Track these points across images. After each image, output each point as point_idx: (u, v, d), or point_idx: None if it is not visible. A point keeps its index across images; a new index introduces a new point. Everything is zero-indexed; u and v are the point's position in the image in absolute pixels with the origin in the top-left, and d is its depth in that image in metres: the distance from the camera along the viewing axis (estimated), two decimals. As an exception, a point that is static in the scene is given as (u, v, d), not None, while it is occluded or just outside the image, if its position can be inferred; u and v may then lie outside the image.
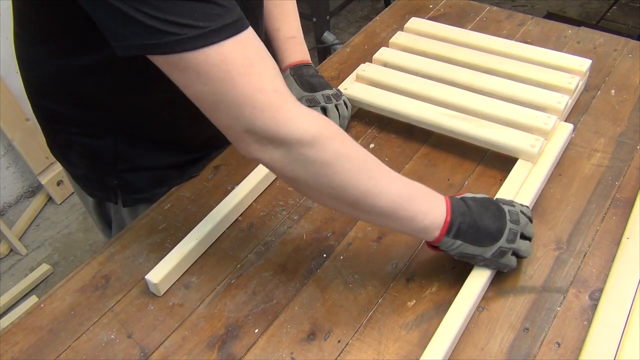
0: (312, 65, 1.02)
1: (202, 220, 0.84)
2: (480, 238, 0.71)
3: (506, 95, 0.96)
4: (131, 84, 0.78)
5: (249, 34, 0.61)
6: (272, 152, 0.63)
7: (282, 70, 1.00)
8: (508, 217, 0.72)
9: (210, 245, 0.84)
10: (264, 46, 0.63)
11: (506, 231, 0.71)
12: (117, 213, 0.97)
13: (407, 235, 0.75)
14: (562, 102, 0.94)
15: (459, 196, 0.74)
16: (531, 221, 0.77)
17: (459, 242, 0.70)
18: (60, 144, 0.91)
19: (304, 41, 1.03)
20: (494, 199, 0.76)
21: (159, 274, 0.77)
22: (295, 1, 1.04)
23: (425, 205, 0.69)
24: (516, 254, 0.74)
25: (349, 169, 0.64)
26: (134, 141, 0.87)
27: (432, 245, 0.72)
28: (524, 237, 0.74)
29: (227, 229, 0.86)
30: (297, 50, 1.01)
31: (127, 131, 0.86)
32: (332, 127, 0.66)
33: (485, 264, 0.74)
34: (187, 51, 0.58)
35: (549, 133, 0.90)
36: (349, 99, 1.01)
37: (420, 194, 0.70)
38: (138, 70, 0.68)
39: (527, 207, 0.78)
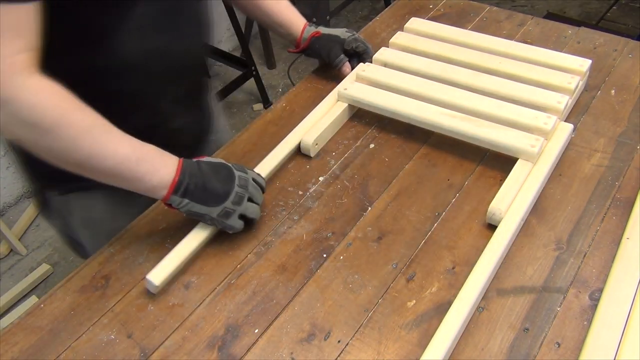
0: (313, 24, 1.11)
1: (202, 220, 0.84)
2: (207, 198, 0.77)
3: (506, 95, 0.96)
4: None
5: (21, 7, 0.63)
6: None
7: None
8: (237, 182, 0.79)
9: (211, 246, 0.84)
10: (33, 23, 0.65)
11: (233, 194, 0.78)
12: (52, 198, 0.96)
13: (141, 193, 0.78)
14: (562, 102, 0.94)
15: (196, 159, 0.80)
16: (263, 189, 0.84)
17: (186, 200, 0.77)
18: None
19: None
20: (229, 164, 0.81)
21: (160, 274, 0.77)
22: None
23: (154, 166, 0.75)
24: (245, 217, 0.81)
25: (68, 135, 0.69)
26: None
27: (167, 203, 0.78)
28: (252, 201, 0.81)
29: (227, 229, 0.87)
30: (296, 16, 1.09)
31: None
32: (58, 95, 0.69)
33: (212, 223, 0.80)
34: None
35: (549, 133, 0.90)
36: (348, 99, 1.02)
37: (150, 156, 0.76)
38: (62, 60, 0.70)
39: (260, 176, 0.85)
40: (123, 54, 0.79)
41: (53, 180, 0.91)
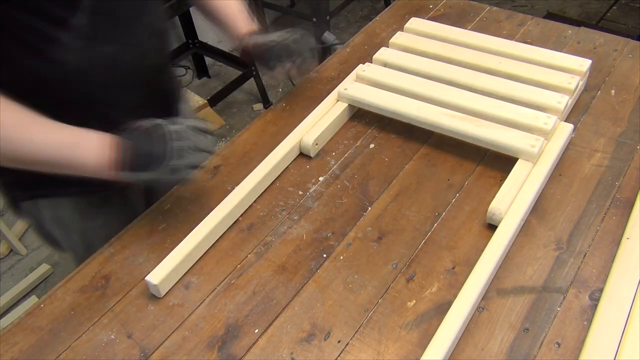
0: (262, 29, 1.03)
1: (202, 221, 0.84)
2: (148, 163, 0.76)
3: (506, 95, 0.96)
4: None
5: None
6: None
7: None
8: (172, 136, 0.77)
9: (211, 246, 0.84)
10: None
11: (171, 150, 0.76)
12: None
13: (90, 176, 0.77)
14: (562, 102, 0.94)
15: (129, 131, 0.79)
16: (207, 132, 0.81)
17: (133, 173, 0.76)
18: None
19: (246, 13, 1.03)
20: (161, 122, 0.79)
21: (159, 275, 0.77)
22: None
23: (90, 151, 0.74)
24: (194, 165, 0.79)
25: (2, 136, 0.69)
26: None
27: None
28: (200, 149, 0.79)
29: (227, 229, 0.86)
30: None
31: None
32: None
33: (168, 181, 0.78)
34: None
35: (549, 133, 0.90)
36: (349, 99, 1.02)
37: (85, 139, 0.75)
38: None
39: (199, 119, 0.81)
40: (65, 63, 0.77)
41: (19, 188, 0.91)
